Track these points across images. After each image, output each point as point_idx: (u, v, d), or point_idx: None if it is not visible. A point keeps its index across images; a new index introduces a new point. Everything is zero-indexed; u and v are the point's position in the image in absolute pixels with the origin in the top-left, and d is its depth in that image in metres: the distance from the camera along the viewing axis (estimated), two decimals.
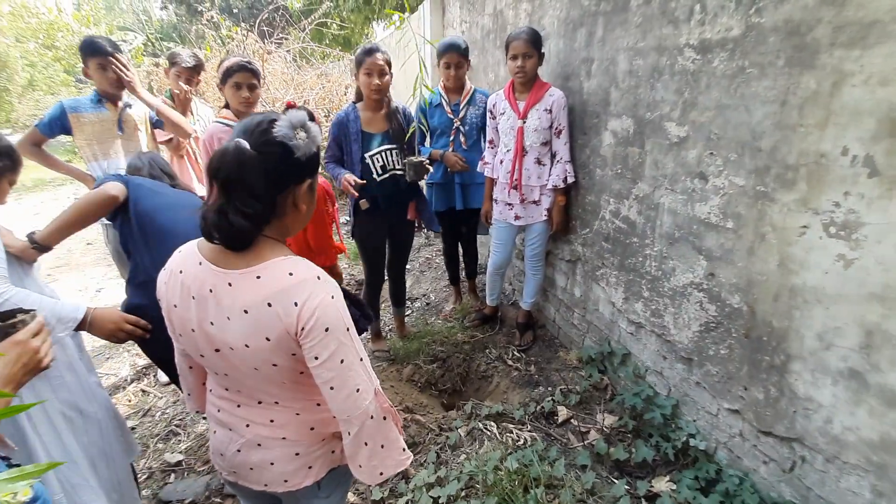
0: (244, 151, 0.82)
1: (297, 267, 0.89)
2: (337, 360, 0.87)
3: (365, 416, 0.90)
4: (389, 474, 0.96)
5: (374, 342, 2.87)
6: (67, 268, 4.77)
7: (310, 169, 0.92)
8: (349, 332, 0.89)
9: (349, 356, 0.88)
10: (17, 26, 8.33)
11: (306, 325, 0.85)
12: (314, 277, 0.88)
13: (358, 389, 0.89)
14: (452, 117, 2.75)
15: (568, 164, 2.39)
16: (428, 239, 4.74)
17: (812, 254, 1.34)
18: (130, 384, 2.75)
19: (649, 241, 1.98)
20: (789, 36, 1.33)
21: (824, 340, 1.34)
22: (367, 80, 2.25)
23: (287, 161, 0.86)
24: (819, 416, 1.38)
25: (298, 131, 0.86)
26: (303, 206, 0.94)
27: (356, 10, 9.56)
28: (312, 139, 0.88)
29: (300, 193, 0.91)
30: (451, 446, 1.99)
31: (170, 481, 2.05)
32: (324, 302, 0.86)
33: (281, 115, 0.87)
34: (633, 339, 2.18)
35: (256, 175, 0.83)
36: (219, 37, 8.19)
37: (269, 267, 0.88)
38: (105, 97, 2.39)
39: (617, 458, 1.86)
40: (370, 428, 0.91)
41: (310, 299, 0.85)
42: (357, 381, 0.89)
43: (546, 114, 2.33)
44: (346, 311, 0.90)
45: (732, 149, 1.54)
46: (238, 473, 1.05)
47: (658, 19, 1.78)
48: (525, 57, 2.26)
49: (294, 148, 0.85)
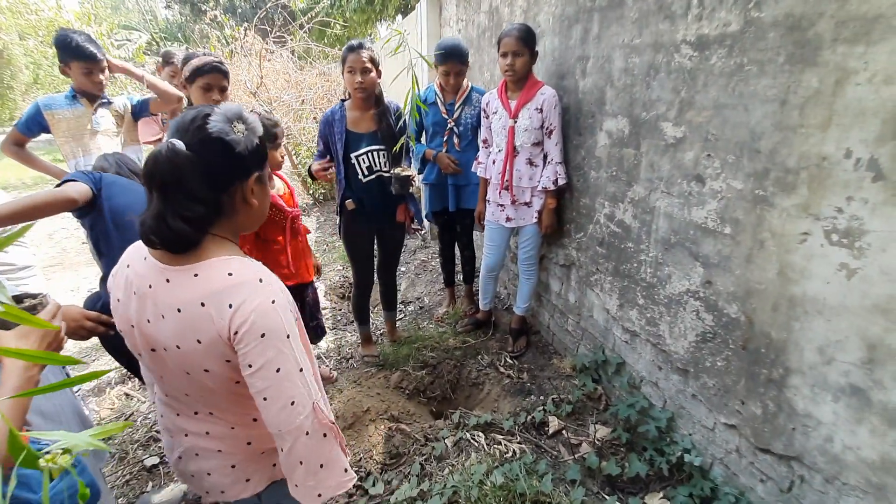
0: (178, 153, 0.76)
1: (239, 267, 0.83)
2: (272, 368, 0.81)
3: (299, 432, 0.83)
4: (328, 496, 0.89)
5: (364, 347, 2.81)
6: (61, 267, 4.73)
7: (255, 162, 0.87)
8: (289, 340, 0.83)
9: (287, 365, 0.82)
10: (16, 23, 8.34)
11: (240, 329, 0.80)
12: (255, 280, 0.83)
13: (293, 402, 0.83)
14: (447, 117, 2.69)
15: (559, 165, 2.31)
16: (424, 241, 4.67)
17: (813, 262, 1.26)
18: (115, 388, 2.70)
19: (644, 247, 1.90)
20: (790, 31, 1.25)
21: (825, 354, 1.26)
22: (350, 78, 2.19)
23: (227, 157, 0.81)
24: (819, 434, 1.30)
25: (236, 124, 0.81)
26: (254, 202, 0.89)
27: (359, 10, 9.53)
28: (252, 130, 0.84)
29: (247, 189, 0.86)
30: (437, 458, 1.92)
31: (147, 490, 1.99)
32: (262, 306, 0.81)
33: (215, 108, 0.81)
34: (627, 348, 2.10)
35: (194, 176, 0.78)
36: (223, 36, 8.18)
37: (208, 265, 0.83)
38: (81, 94, 2.35)
39: (609, 473, 1.78)
40: (305, 445, 0.84)
41: (246, 302, 0.80)
42: (293, 394, 0.83)
43: (537, 113, 2.26)
44: (288, 316, 0.85)
45: (730, 150, 1.47)
46: (184, 479, 1.02)
47: (654, 15, 1.71)
48: (515, 55, 2.19)
49: (233, 143, 0.80)
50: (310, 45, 6.89)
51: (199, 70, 1.93)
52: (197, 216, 0.80)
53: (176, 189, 0.78)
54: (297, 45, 6.70)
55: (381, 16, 9.88)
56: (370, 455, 1.93)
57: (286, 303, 0.86)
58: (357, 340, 2.98)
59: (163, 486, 1.99)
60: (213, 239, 0.86)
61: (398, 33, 1.54)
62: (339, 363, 2.79)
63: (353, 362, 2.80)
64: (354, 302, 2.71)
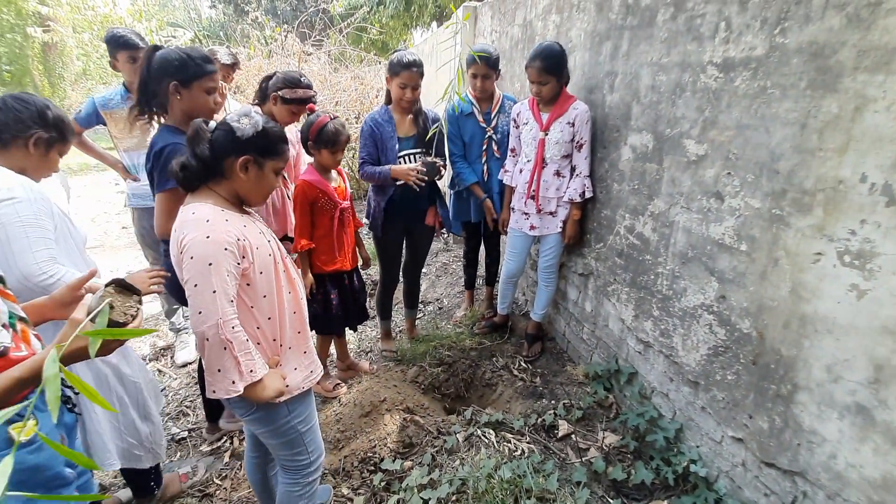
0: (203, 128, 1.23)
1: (199, 209, 1.20)
2: (192, 283, 1.15)
3: (202, 337, 1.15)
4: (221, 396, 1.19)
5: (384, 341, 2.91)
6: (101, 249, 5.00)
7: (252, 147, 1.21)
8: (210, 267, 1.14)
9: (202, 284, 1.14)
10: (73, 17, 8.85)
11: (182, 251, 1.16)
12: (203, 220, 1.17)
13: (200, 312, 1.14)
14: (485, 126, 2.75)
15: (587, 178, 2.37)
16: (446, 244, 4.76)
17: (825, 282, 1.30)
18: (148, 364, 2.86)
19: (662, 259, 1.94)
20: (813, 58, 1.30)
21: (832, 372, 1.29)
22: (401, 93, 2.32)
23: (229, 137, 1.21)
24: (823, 451, 1.33)
25: (242, 117, 1.21)
26: (242, 176, 1.23)
27: (395, 16, 9.75)
28: (253, 124, 1.21)
29: (239, 163, 1.22)
30: (448, 450, 2.00)
31: (174, 459, 2.12)
32: (197, 238, 1.15)
33: (242, 108, 1.29)
34: (640, 359, 2.14)
35: (204, 143, 1.22)
36: (262, 37, 8.50)
37: (190, 205, 1.22)
38: (131, 89, 2.51)
39: (614, 478, 1.83)
40: (207, 349, 1.16)
41: (189, 233, 1.16)
42: (201, 306, 1.14)
43: (569, 127, 2.32)
44: (217, 250, 1.15)
45: (750, 170, 1.51)
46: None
47: (683, 35, 1.76)
48: (540, 84, 2.27)
49: (235, 128, 1.20)
50: (346, 48, 7.11)
51: (299, 101, 2.15)
52: (193, 169, 1.22)
53: (190, 147, 1.23)
54: (333, 49, 6.91)
55: (416, 22, 10.08)
56: (385, 442, 2.02)
57: (222, 241, 1.16)
58: (376, 336, 3.08)
59: (188, 458, 2.12)
60: (207, 190, 1.25)
61: (467, 17, 1.71)
62: (358, 356, 2.90)
63: (371, 356, 2.90)
64: (379, 297, 2.82)
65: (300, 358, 1.40)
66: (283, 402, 1.33)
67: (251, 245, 1.23)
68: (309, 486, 1.47)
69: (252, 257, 1.23)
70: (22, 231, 1.26)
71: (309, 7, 8.28)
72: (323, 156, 2.13)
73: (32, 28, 9.71)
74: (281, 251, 1.37)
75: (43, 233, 1.30)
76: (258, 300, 1.27)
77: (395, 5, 9.38)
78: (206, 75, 1.60)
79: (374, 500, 1.81)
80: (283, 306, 1.33)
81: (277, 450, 1.42)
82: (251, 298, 1.25)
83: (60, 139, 1.46)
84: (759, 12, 1.45)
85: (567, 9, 2.61)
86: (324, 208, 2.18)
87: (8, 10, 9.67)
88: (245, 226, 1.25)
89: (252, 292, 1.25)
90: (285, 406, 1.34)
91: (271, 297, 1.29)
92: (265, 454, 1.59)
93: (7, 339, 0.91)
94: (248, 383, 1.19)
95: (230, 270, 1.17)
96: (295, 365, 1.37)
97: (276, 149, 1.27)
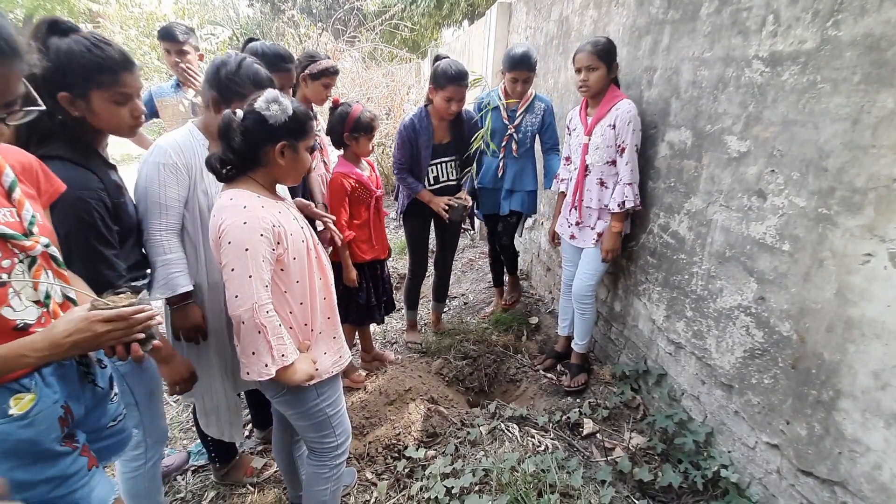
0: (233, 119, 1.20)
1: (237, 195, 1.22)
2: (229, 267, 1.18)
3: (238, 319, 1.19)
4: (254, 378, 1.22)
5: (409, 333, 2.93)
6: None
7: (286, 132, 1.21)
8: (247, 252, 1.17)
9: (239, 268, 1.17)
10: (122, 14, 9.26)
11: (220, 235, 1.19)
12: (240, 206, 1.19)
13: (237, 296, 1.17)
14: (507, 123, 2.73)
15: (628, 186, 2.12)
16: (472, 241, 4.76)
17: (874, 284, 1.24)
18: None
19: (697, 259, 1.90)
20: (868, 51, 1.25)
21: (880, 379, 1.24)
22: (447, 106, 2.33)
23: (261, 126, 1.19)
24: (867, 461, 1.28)
25: (272, 104, 1.17)
26: (280, 162, 1.24)
27: (427, 14, 9.80)
28: (283, 110, 1.18)
29: (276, 151, 1.23)
30: (471, 442, 2.00)
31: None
32: (234, 224, 1.17)
33: (265, 92, 1.19)
34: (671, 360, 2.09)
35: (236, 135, 1.20)
36: (297, 35, 8.67)
37: (227, 191, 1.24)
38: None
39: (640, 479, 1.79)
40: (242, 331, 1.19)
41: (227, 219, 1.18)
42: (237, 290, 1.17)
43: (610, 130, 2.11)
44: (254, 236, 1.17)
45: (796, 167, 1.46)
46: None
47: (728, 29, 1.72)
48: (589, 70, 2.11)
49: (267, 116, 1.17)
50: (379, 45, 7.19)
51: (326, 71, 2.20)
52: (228, 161, 1.23)
53: (224, 140, 1.21)
54: (364, 47, 7.00)
55: (447, 20, 10.10)
56: (409, 431, 2.04)
57: (259, 228, 1.18)
58: (401, 327, 3.11)
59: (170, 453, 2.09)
60: (245, 179, 1.26)
61: (478, 79, 1.70)
62: (383, 346, 2.93)
63: (396, 347, 2.93)
64: (407, 288, 2.85)
65: (330, 343, 1.43)
66: (313, 386, 1.36)
67: (286, 231, 1.25)
68: (336, 469, 1.50)
69: (286, 243, 1.25)
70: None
71: (344, 5, 8.40)
72: (360, 144, 2.18)
73: (84, 24, 10.22)
74: (313, 237, 1.39)
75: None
76: (291, 285, 1.30)
77: (427, 3, 9.43)
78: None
79: (398, 485, 1.84)
80: (314, 292, 1.35)
81: (306, 432, 1.46)
82: (285, 284, 1.28)
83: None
84: (811, 5, 1.40)
85: (605, 4, 2.58)
86: (360, 198, 2.24)
87: (62, 7, 10.20)
88: (280, 212, 1.27)
89: (286, 277, 1.28)
90: (314, 389, 1.37)
91: (304, 283, 1.32)
92: (293, 436, 1.63)
93: (32, 316, 0.90)
94: (279, 367, 1.23)
95: (265, 256, 1.20)
96: (325, 349, 1.40)
97: (306, 128, 1.28)
